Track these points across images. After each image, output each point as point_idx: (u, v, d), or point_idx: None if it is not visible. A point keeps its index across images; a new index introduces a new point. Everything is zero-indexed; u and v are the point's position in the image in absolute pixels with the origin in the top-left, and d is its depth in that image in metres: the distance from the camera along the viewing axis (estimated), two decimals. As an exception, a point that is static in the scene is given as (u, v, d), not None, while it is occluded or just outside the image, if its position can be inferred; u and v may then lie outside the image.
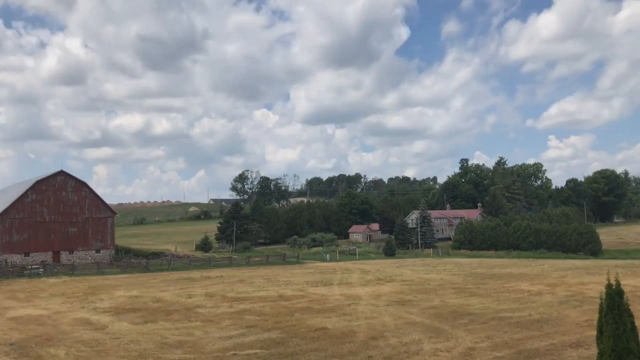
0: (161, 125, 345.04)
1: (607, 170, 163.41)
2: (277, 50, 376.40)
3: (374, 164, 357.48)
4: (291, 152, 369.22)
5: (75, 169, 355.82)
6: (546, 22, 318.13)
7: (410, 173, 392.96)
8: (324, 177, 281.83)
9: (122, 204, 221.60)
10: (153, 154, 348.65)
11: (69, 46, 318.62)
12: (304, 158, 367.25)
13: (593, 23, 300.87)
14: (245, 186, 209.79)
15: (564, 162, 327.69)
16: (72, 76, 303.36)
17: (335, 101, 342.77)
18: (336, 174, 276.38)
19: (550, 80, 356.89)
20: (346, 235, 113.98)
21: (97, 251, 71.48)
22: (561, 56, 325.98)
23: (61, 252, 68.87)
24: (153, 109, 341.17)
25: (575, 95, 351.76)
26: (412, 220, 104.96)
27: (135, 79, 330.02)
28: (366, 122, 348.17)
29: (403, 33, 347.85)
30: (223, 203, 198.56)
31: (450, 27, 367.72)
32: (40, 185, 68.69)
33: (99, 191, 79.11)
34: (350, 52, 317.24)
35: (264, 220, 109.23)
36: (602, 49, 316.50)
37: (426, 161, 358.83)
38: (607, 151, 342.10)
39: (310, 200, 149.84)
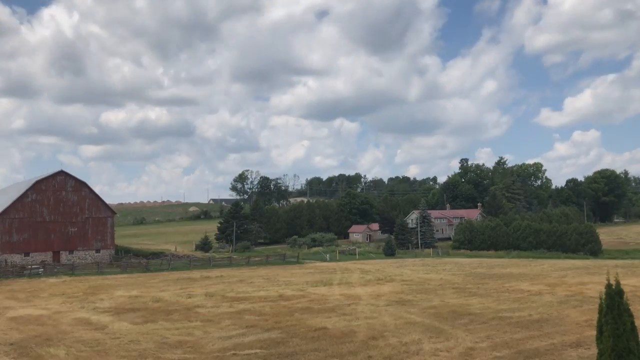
0: (162, 120, 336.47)
1: (607, 170, 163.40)
2: (297, 34, 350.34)
3: (382, 160, 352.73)
4: (299, 148, 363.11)
5: (71, 165, 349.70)
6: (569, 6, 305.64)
7: (420, 170, 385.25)
8: (335, 174, 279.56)
9: (122, 203, 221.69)
10: (153, 152, 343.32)
11: (63, 29, 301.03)
12: (312, 155, 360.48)
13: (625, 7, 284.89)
14: (245, 186, 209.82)
15: (584, 157, 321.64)
16: (69, 64, 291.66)
17: (354, 92, 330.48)
18: (344, 171, 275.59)
19: (571, 72, 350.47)
20: (346, 235, 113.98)
21: (97, 251, 71.47)
22: (588, 45, 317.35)
23: (61, 252, 68.85)
24: (153, 102, 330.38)
25: (598, 88, 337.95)
26: (412, 220, 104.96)
27: (138, 67, 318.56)
28: (380, 116, 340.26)
29: (434, 17, 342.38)
30: (223, 203, 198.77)
31: (479, 9, 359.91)
32: (40, 185, 68.68)
33: (97, 189, 79.29)
34: (377, 36, 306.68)
35: (264, 220, 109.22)
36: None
37: (438, 159, 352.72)
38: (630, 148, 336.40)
39: (310, 200, 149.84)
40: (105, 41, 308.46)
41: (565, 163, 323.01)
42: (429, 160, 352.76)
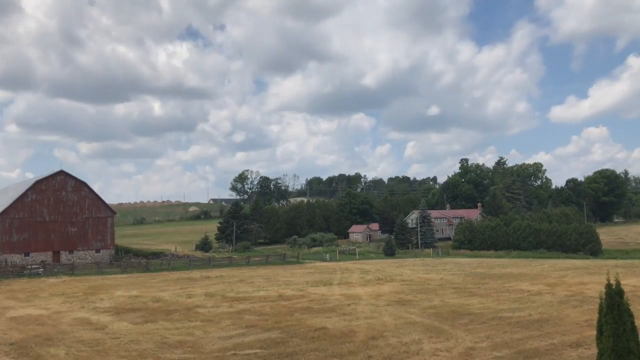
0: (163, 115, 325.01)
1: (607, 170, 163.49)
2: (318, 16, 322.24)
3: (394, 157, 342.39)
4: (307, 145, 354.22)
5: (68, 163, 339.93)
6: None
7: (432, 168, 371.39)
8: (348, 171, 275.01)
9: (122, 203, 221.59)
10: (152, 150, 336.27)
11: (56, 12, 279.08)
12: (320, 151, 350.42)
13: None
14: (245, 186, 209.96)
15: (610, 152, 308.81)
16: (63, 52, 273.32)
17: (374, 81, 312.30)
18: (355, 168, 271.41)
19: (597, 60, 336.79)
20: (346, 235, 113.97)
21: (97, 251, 71.48)
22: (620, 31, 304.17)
23: (61, 252, 68.86)
24: (154, 95, 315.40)
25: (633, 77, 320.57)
26: (412, 220, 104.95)
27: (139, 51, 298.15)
28: (397, 108, 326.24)
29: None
30: (223, 203, 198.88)
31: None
32: (40, 185, 68.70)
33: (95, 187, 79.10)
34: (410, 17, 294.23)
35: (264, 220, 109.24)
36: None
37: (450, 155, 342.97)
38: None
39: (310, 200, 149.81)
40: (104, 27, 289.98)
41: (589, 158, 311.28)
42: (443, 157, 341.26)
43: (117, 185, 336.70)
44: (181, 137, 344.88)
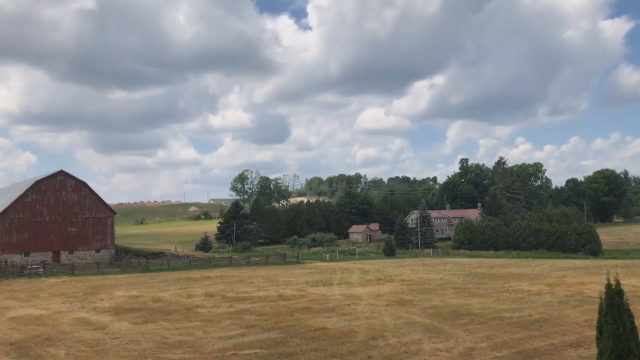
0: (162, 109, 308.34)
1: (607, 170, 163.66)
2: None
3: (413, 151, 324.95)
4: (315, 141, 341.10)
5: (65, 159, 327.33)
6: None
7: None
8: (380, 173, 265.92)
9: (122, 203, 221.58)
10: (151, 148, 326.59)
11: None
12: (326, 149, 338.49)
13: None
14: (245, 186, 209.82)
15: None
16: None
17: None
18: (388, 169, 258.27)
19: None
20: (346, 235, 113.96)
21: (97, 251, 71.49)
22: None
23: (61, 252, 68.87)
24: (153, 84, 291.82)
25: None
26: (412, 220, 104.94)
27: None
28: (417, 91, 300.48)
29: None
30: (223, 203, 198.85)
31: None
32: (40, 185, 68.72)
33: (93, 185, 79.02)
34: None
35: (264, 220, 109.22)
36: None
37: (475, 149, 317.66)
38: None
39: (310, 200, 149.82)
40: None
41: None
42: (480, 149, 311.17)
43: (118, 186, 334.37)
44: (179, 133, 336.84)
